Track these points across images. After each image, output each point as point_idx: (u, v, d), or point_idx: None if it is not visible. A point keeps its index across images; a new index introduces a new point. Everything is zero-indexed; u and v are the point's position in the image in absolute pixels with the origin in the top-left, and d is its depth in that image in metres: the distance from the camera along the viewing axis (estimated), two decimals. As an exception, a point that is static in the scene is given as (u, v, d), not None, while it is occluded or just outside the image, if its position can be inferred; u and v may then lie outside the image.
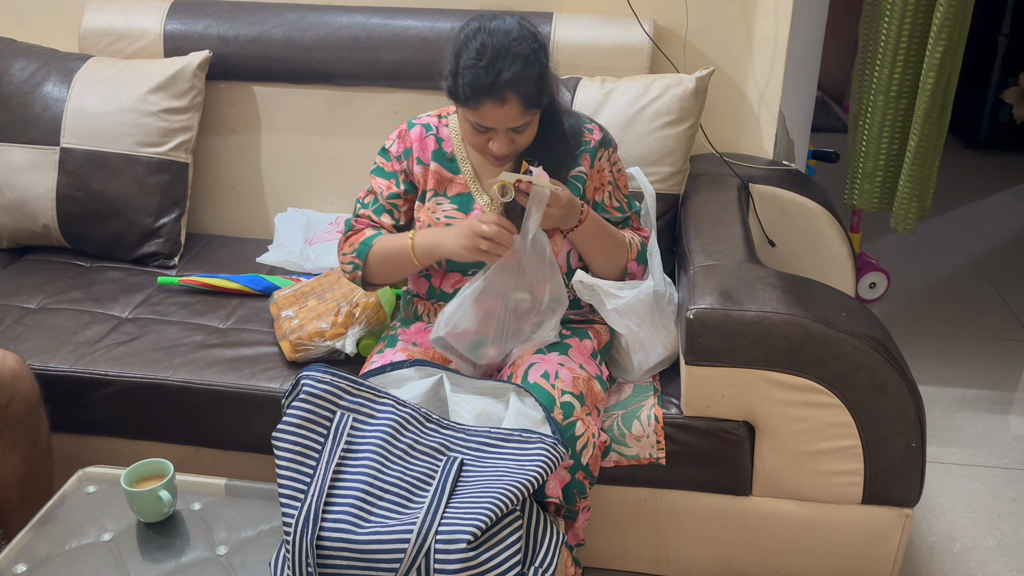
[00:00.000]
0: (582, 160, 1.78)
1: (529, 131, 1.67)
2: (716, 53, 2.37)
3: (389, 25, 2.33)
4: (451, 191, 1.79)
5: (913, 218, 2.53)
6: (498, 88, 1.56)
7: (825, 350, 1.66)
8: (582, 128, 1.80)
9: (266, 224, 2.51)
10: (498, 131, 1.63)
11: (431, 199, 1.79)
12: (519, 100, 1.58)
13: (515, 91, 1.56)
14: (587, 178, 1.79)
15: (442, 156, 1.80)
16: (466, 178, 1.79)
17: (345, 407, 1.50)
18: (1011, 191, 4.27)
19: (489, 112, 1.59)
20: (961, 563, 2.07)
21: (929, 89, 2.36)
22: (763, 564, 1.90)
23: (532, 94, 1.58)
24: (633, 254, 1.83)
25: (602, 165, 1.81)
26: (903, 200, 2.51)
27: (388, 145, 1.83)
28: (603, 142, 1.81)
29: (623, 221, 1.87)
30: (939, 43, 2.31)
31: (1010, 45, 4.42)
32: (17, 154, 2.34)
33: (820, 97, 4.96)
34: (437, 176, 1.79)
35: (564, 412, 1.60)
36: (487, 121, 1.61)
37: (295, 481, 1.43)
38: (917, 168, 2.45)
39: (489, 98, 1.57)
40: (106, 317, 2.12)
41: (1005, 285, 3.35)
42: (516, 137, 1.65)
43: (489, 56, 1.55)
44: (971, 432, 2.52)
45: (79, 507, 1.61)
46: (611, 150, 1.83)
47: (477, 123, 1.63)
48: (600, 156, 1.80)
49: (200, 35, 2.40)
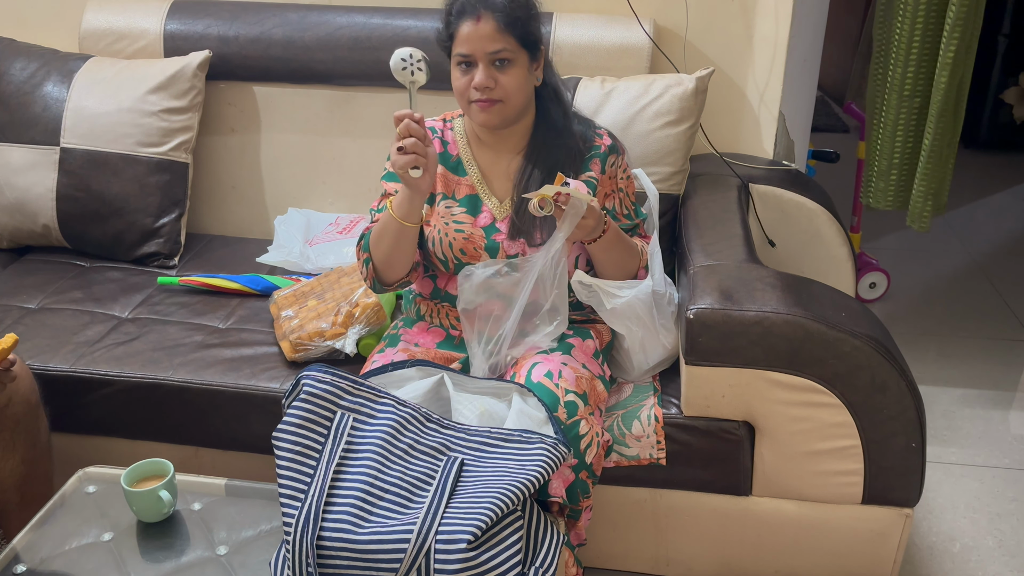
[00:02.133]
0: (592, 165, 1.79)
1: (513, 75, 1.67)
2: (716, 53, 2.37)
3: (389, 25, 2.33)
4: (459, 193, 1.80)
5: (928, 216, 2.52)
6: (472, 5, 1.64)
7: (825, 350, 1.66)
8: (592, 133, 1.81)
9: (266, 224, 2.51)
10: (478, 60, 1.65)
11: (441, 202, 1.79)
12: (493, 17, 1.63)
13: (488, 5, 1.63)
14: (598, 184, 1.79)
15: (447, 159, 1.81)
16: (473, 180, 1.79)
17: (345, 407, 1.50)
18: (1011, 191, 4.27)
19: (466, 32, 1.64)
20: (961, 563, 2.07)
21: (943, 88, 2.36)
22: (763, 564, 1.90)
23: (507, 11, 1.64)
24: (643, 262, 1.83)
25: (613, 171, 1.82)
26: (918, 198, 2.51)
27: None
28: (613, 148, 1.82)
29: (632, 229, 1.87)
30: (952, 42, 2.31)
31: (1010, 45, 4.42)
32: (17, 154, 2.34)
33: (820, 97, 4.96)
34: (444, 179, 1.80)
35: (568, 411, 1.60)
36: (466, 45, 1.65)
37: (295, 481, 1.43)
38: (931, 166, 2.45)
39: (466, 16, 1.64)
40: (106, 317, 2.12)
41: (1005, 285, 3.34)
42: (498, 76, 1.66)
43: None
44: (971, 432, 2.52)
45: (79, 507, 1.61)
46: (621, 156, 1.84)
47: (459, 53, 1.66)
48: (611, 162, 1.81)
49: (200, 35, 2.40)
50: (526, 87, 1.71)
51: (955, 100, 2.43)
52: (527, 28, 1.67)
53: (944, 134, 2.45)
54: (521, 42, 1.66)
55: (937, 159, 2.46)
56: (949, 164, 2.53)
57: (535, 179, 1.73)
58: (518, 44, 1.66)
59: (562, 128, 1.77)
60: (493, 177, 1.79)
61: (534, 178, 1.74)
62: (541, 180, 1.72)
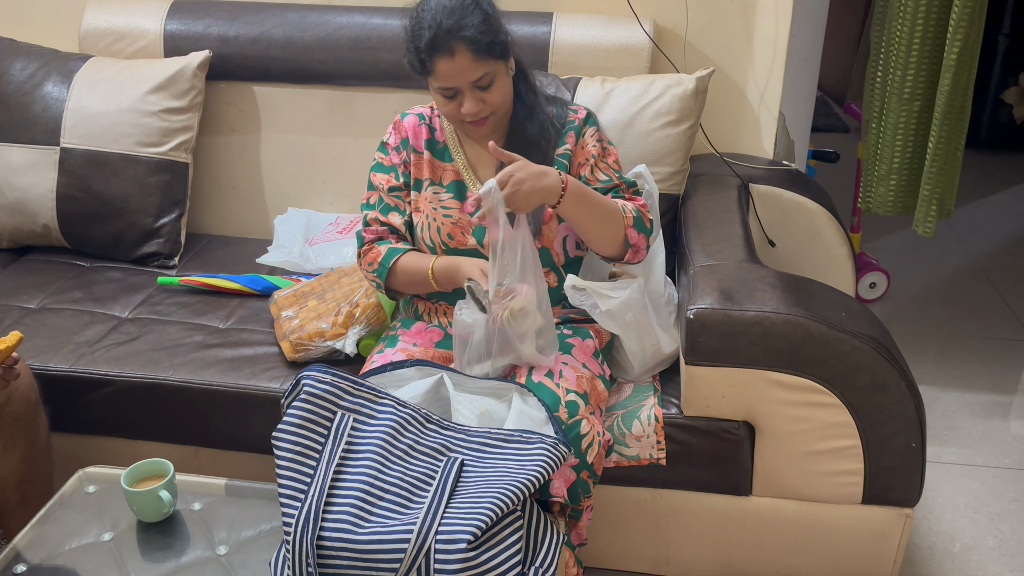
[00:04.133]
0: (567, 138, 1.81)
1: (498, 88, 1.68)
2: (716, 53, 2.37)
3: (389, 25, 2.33)
4: (446, 179, 1.82)
5: (933, 220, 2.50)
6: (442, 40, 1.61)
7: (825, 350, 1.66)
8: (566, 112, 1.83)
9: (266, 224, 2.51)
10: (462, 90, 1.65)
11: (428, 188, 1.81)
12: (467, 48, 1.61)
13: (459, 39, 1.61)
14: (572, 155, 1.80)
15: (434, 145, 1.83)
16: (459, 166, 1.81)
17: (346, 407, 1.50)
18: (1011, 191, 4.27)
19: (444, 69, 1.63)
20: (961, 563, 2.07)
21: (947, 90, 2.34)
22: (763, 564, 1.90)
23: (478, 39, 1.61)
24: (629, 220, 1.74)
25: (585, 141, 1.82)
26: (923, 202, 2.49)
27: (386, 139, 1.86)
28: (587, 120, 1.83)
29: (611, 190, 1.80)
30: (955, 43, 2.30)
31: (1010, 45, 4.42)
32: (17, 154, 2.34)
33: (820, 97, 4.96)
34: (431, 164, 1.82)
35: (569, 411, 1.60)
36: (447, 80, 1.64)
37: (295, 481, 1.43)
38: (936, 170, 2.44)
39: (439, 54, 1.62)
40: (106, 317, 2.12)
41: (1005, 285, 3.34)
42: (484, 96, 1.67)
43: (429, 16, 1.62)
44: (971, 432, 2.52)
45: (79, 507, 1.61)
46: (595, 127, 1.84)
47: (440, 86, 1.66)
48: (584, 132, 1.82)
49: (200, 35, 2.40)
50: (508, 88, 1.73)
51: (960, 102, 2.42)
52: (497, 42, 1.66)
53: (949, 137, 2.44)
54: (497, 57, 1.66)
55: (943, 162, 2.45)
56: (956, 168, 2.50)
57: None
58: (495, 60, 1.66)
59: (533, 104, 1.78)
60: (479, 163, 1.81)
61: None
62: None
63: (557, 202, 1.66)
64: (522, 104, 1.78)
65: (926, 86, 2.45)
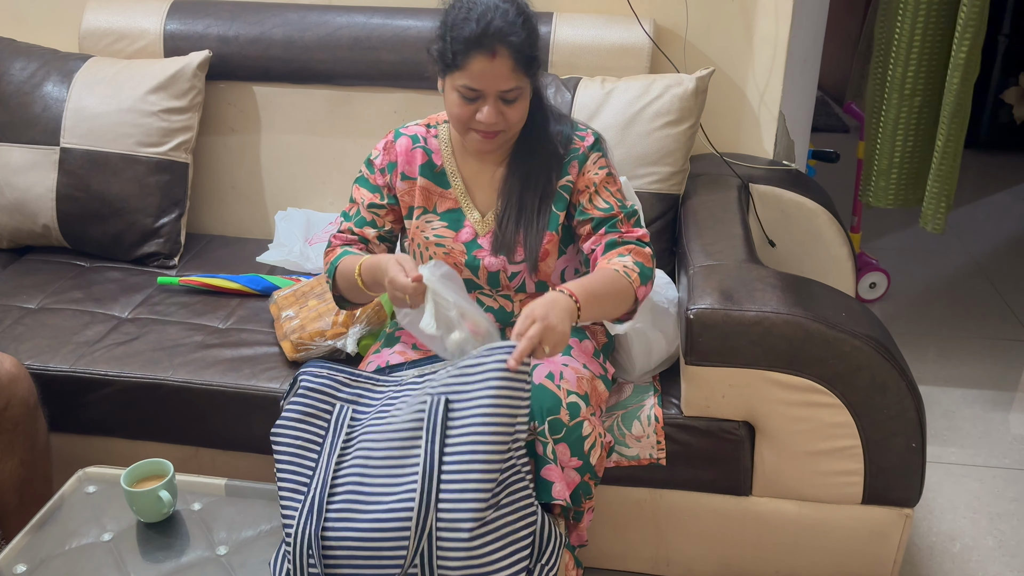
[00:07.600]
0: (570, 168, 1.71)
1: (519, 106, 1.60)
2: (716, 53, 2.37)
3: (389, 25, 2.33)
4: (440, 207, 1.74)
5: (942, 217, 2.52)
6: (488, 39, 1.51)
7: (825, 350, 1.66)
8: (573, 135, 1.72)
9: (266, 224, 2.51)
10: (487, 96, 1.56)
11: (420, 217, 1.74)
12: (510, 54, 1.52)
13: (506, 43, 1.52)
14: (573, 187, 1.71)
15: (431, 169, 1.74)
16: (456, 193, 1.73)
17: (344, 399, 1.50)
18: (1011, 191, 4.27)
19: (479, 68, 1.53)
20: (961, 563, 2.07)
21: (955, 88, 2.35)
22: (763, 564, 1.90)
23: (523, 49, 1.54)
24: (636, 282, 1.61)
25: (588, 168, 1.71)
26: (931, 200, 2.50)
27: (373, 156, 1.78)
28: (593, 146, 1.72)
29: (607, 220, 1.68)
30: (964, 42, 2.30)
31: (1010, 45, 4.43)
32: (17, 154, 2.34)
33: (820, 97, 4.96)
34: (425, 192, 1.74)
35: (571, 412, 1.58)
36: (477, 80, 1.54)
37: (296, 475, 1.43)
38: (945, 167, 2.44)
39: (479, 50, 1.52)
40: (106, 317, 2.12)
41: (1005, 285, 3.35)
42: (506, 109, 1.58)
43: (479, 10, 1.53)
44: (971, 432, 2.52)
45: (79, 507, 1.61)
46: (601, 153, 1.74)
47: (466, 85, 1.55)
48: (588, 159, 1.72)
49: (200, 35, 2.40)
50: (527, 110, 1.64)
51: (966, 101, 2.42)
52: (535, 60, 1.59)
53: (956, 134, 2.44)
54: (531, 75, 1.59)
55: (951, 160, 2.46)
56: (957, 164, 2.52)
57: (516, 188, 1.68)
58: (528, 78, 1.59)
59: (542, 133, 1.70)
60: (476, 188, 1.73)
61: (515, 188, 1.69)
62: (521, 189, 1.68)
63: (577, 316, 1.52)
64: (534, 131, 1.69)
65: (927, 82, 2.46)
